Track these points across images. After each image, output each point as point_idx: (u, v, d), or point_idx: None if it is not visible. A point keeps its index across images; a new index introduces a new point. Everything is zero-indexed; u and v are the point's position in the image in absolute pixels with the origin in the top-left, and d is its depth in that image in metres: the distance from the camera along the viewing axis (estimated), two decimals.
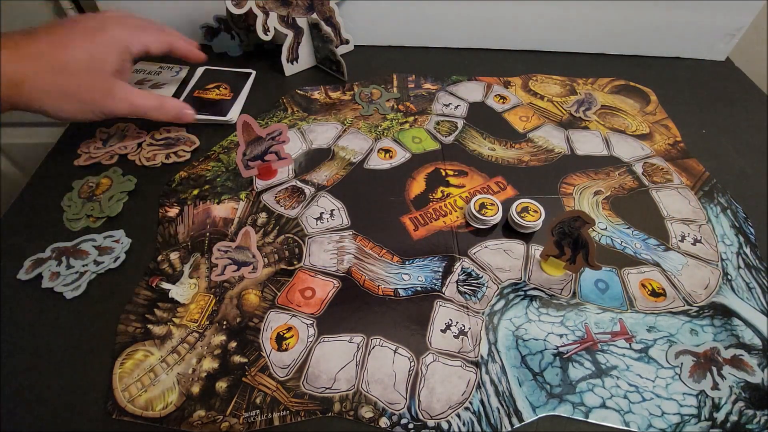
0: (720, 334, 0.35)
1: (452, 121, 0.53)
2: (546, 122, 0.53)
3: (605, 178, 0.47)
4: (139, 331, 0.34)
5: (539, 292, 0.37)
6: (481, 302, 0.36)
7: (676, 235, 0.42)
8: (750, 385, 0.32)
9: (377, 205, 0.43)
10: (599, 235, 0.42)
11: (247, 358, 0.32)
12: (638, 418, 0.31)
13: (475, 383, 0.32)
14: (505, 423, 0.30)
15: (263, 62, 0.59)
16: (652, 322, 0.36)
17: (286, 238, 0.40)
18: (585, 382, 0.32)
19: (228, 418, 0.30)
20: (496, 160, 0.48)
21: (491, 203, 0.41)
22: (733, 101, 0.59)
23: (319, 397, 0.31)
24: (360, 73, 0.58)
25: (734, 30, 0.61)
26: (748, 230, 0.43)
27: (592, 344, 0.34)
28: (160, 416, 0.30)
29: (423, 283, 0.37)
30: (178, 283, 0.36)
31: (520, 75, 0.60)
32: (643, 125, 0.54)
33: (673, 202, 0.45)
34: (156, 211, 0.42)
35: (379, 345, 0.33)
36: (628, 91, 0.59)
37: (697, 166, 0.49)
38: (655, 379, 0.33)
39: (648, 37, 0.63)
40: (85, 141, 0.47)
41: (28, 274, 0.36)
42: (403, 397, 0.31)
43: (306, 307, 0.35)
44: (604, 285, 0.38)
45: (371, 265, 0.38)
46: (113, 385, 0.31)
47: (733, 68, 0.65)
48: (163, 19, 0.59)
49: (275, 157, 0.43)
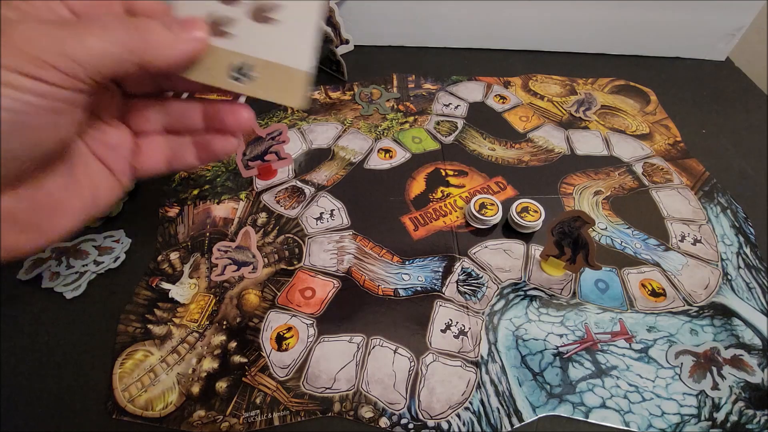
0: (720, 334, 0.35)
1: (452, 121, 0.53)
2: (546, 122, 0.53)
3: (605, 178, 0.47)
4: (139, 331, 0.34)
5: (539, 292, 0.37)
6: (481, 302, 0.36)
7: (676, 235, 0.42)
8: (750, 385, 0.32)
9: (377, 205, 0.43)
10: (599, 235, 0.42)
11: (247, 358, 0.32)
12: (638, 418, 0.31)
13: (475, 383, 0.32)
14: (505, 423, 0.30)
15: None
16: (652, 322, 0.36)
17: (286, 238, 0.40)
18: (585, 382, 0.32)
19: (228, 418, 0.30)
20: (496, 160, 0.48)
21: (491, 203, 0.41)
22: (733, 101, 0.59)
23: (319, 397, 0.31)
24: (360, 73, 0.58)
25: (734, 30, 0.61)
26: (748, 230, 0.43)
27: (592, 344, 0.34)
28: (160, 416, 0.30)
29: (423, 283, 0.37)
30: (178, 283, 0.36)
31: (520, 75, 0.60)
32: (643, 125, 0.54)
33: (673, 202, 0.45)
34: (156, 211, 0.42)
35: (379, 345, 0.33)
36: (628, 91, 0.59)
37: (697, 166, 0.49)
38: (655, 379, 0.33)
39: (648, 37, 0.63)
40: None
41: (28, 274, 0.36)
42: (403, 397, 0.31)
43: (306, 307, 0.35)
44: (604, 285, 0.38)
45: (371, 265, 0.38)
46: (113, 385, 0.31)
47: (733, 68, 0.65)
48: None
49: (275, 157, 0.43)
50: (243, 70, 0.21)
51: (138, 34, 0.18)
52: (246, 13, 0.21)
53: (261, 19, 0.21)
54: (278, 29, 0.21)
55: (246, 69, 0.21)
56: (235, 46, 0.21)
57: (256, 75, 0.21)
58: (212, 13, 0.20)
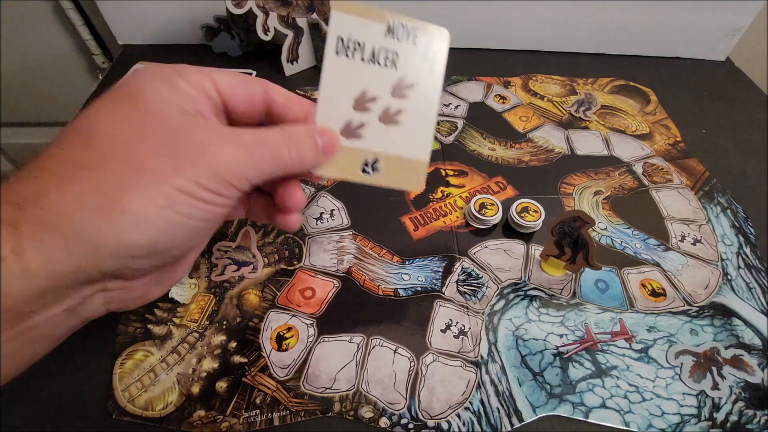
0: (720, 334, 0.35)
1: (452, 121, 0.53)
2: (546, 122, 0.53)
3: (605, 178, 0.47)
4: (139, 331, 0.34)
5: (539, 292, 0.37)
6: (481, 302, 0.36)
7: (676, 235, 0.42)
8: (750, 385, 0.32)
9: (377, 205, 0.43)
10: (599, 235, 0.42)
11: (247, 358, 0.32)
12: (638, 418, 0.31)
13: (475, 383, 0.32)
14: (505, 423, 0.30)
15: (263, 62, 0.59)
16: (652, 322, 0.36)
17: (286, 238, 0.40)
18: (585, 382, 0.32)
19: (228, 418, 0.30)
20: (496, 160, 0.48)
21: (491, 203, 0.41)
22: (733, 101, 0.59)
23: (319, 397, 0.31)
24: None
25: (734, 30, 0.61)
26: (748, 230, 0.43)
27: (592, 344, 0.34)
28: (160, 416, 0.30)
29: (423, 283, 0.37)
30: (178, 283, 0.36)
31: (520, 75, 0.60)
32: (643, 125, 0.54)
33: (673, 202, 0.45)
34: None
35: (379, 345, 0.33)
36: (628, 91, 0.59)
37: (697, 166, 0.49)
38: (655, 379, 0.33)
39: (648, 37, 0.63)
40: None
41: None
42: (403, 397, 0.31)
43: (306, 307, 0.35)
44: (604, 285, 0.38)
45: (371, 265, 0.38)
46: (113, 385, 0.31)
47: (733, 68, 0.65)
48: (164, 18, 0.59)
49: None
50: (372, 164, 0.25)
51: (297, 154, 0.21)
52: (375, 117, 0.24)
53: (388, 121, 0.25)
54: (402, 128, 0.25)
55: (375, 163, 0.25)
56: (367, 145, 0.25)
57: (383, 167, 0.25)
58: (349, 120, 0.24)
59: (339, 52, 0.23)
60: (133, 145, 0.17)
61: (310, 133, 0.22)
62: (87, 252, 0.17)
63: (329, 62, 0.23)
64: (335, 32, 0.23)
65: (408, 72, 0.25)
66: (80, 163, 0.17)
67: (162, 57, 0.59)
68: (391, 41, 0.24)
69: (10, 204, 0.16)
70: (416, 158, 0.25)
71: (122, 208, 0.17)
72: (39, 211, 0.16)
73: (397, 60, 0.24)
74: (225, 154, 0.19)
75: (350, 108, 0.24)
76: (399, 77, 0.24)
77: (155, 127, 0.18)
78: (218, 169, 0.18)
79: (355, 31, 0.23)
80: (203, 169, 0.18)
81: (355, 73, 0.24)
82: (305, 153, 0.22)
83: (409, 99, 0.25)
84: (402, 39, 0.24)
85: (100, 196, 0.17)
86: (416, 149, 0.25)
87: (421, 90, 0.25)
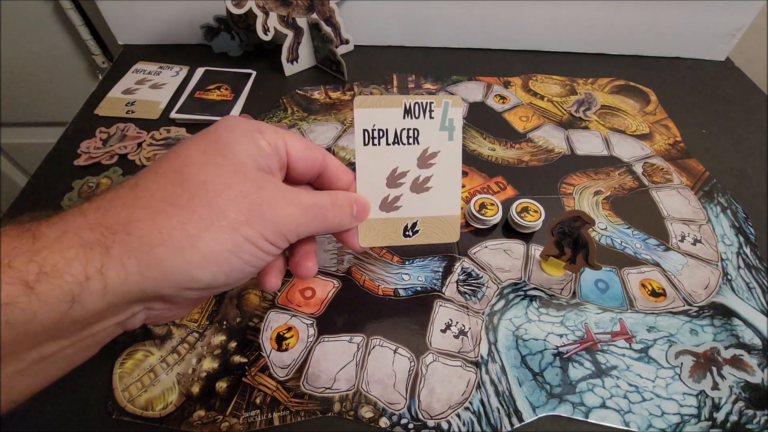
0: (720, 334, 0.35)
1: None
2: (546, 122, 0.53)
3: (605, 178, 0.47)
4: (138, 330, 0.33)
5: (539, 292, 0.37)
6: (481, 302, 0.36)
7: (676, 235, 0.42)
8: (750, 385, 0.32)
9: None
10: (599, 235, 0.42)
11: (247, 358, 0.32)
12: (638, 418, 0.31)
13: (475, 383, 0.32)
14: (505, 423, 0.30)
15: (263, 62, 0.59)
16: (652, 322, 0.36)
17: None
18: (585, 382, 0.32)
19: (228, 418, 0.30)
20: (496, 160, 0.48)
21: (491, 203, 0.41)
22: (733, 101, 0.59)
23: (319, 397, 0.31)
24: (360, 73, 0.58)
25: (734, 30, 0.61)
26: (748, 230, 0.43)
27: (592, 344, 0.34)
28: (160, 416, 0.30)
29: (423, 283, 0.37)
30: None
31: (520, 75, 0.60)
32: (643, 125, 0.54)
33: (673, 202, 0.45)
34: None
35: (379, 345, 0.33)
36: (628, 91, 0.59)
37: (697, 166, 0.49)
38: (655, 379, 0.33)
39: (648, 37, 0.63)
40: (85, 141, 0.47)
41: None
42: (403, 397, 0.31)
43: (306, 307, 0.35)
44: (604, 285, 0.38)
45: (371, 265, 0.38)
46: (113, 385, 0.31)
47: (733, 68, 0.65)
48: (164, 18, 0.59)
49: None
50: (412, 228, 0.29)
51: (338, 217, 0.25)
52: (407, 188, 0.28)
53: (419, 190, 0.28)
54: (433, 192, 0.28)
55: (414, 226, 0.29)
56: (404, 214, 0.28)
57: (422, 227, 0.29)
58: (385, 196, 0.28)
59: (367, 142, 0.27)
60: (219, 192, 0.20)
61: (350, 201, 0.26)
62: (156, 278, 0.19)
63: (360, 153, 0.27)
64: (361, 126, 0.26)
65: (430, 143, 0.27)
66: (171, 200, 0.19)
67: (162, 57, 0.59)
68: (409, 120, 0.27)
69: (103, 227, 0.18)
70: (449, 214, 0.29)
71: (198, 248, 0.19)
72: (127, 238, 0.18)
73: (418, 135, 0.27)
74: (287, 213, 0.22)
75: (384, 186, 0.27)
76: (422, 150, 0.27)
77: (237, 179, 0.21)
78: (280, 224, 0.22)
79: (377, 121, 0.26)
80: (269, 223, 0.21)
81: (383, 157, 0.27)
82: (344, 217, 0.26)
83: (434, 166, 0.28)
84: (419, 115, 0.27)
85: (183, 233, 0.19)
86: (447, 207, 0.29)
87: (443, 156, 0.28)
